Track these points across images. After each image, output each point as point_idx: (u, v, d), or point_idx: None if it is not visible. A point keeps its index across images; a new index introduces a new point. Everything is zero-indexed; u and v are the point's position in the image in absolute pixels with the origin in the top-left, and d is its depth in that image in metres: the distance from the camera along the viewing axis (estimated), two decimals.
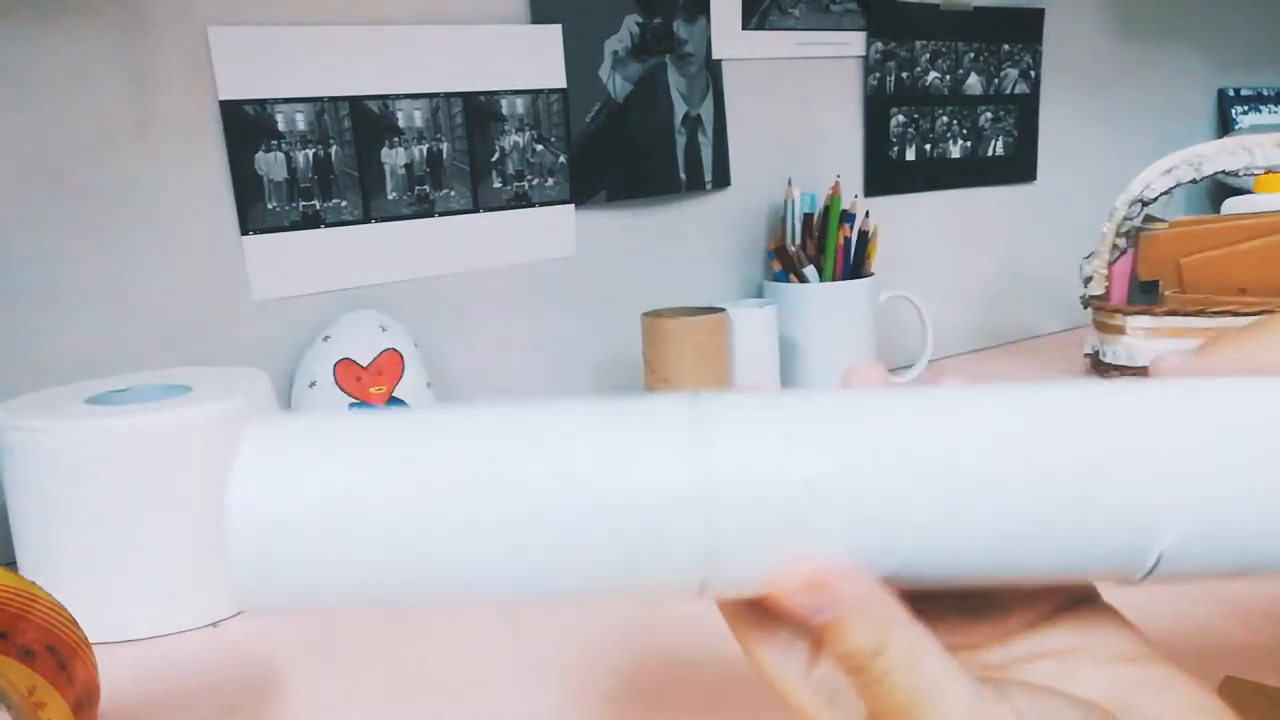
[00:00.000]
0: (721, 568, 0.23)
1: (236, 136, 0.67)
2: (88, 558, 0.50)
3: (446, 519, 0.22)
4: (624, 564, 0.23)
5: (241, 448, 0.23)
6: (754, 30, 0.89)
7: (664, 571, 0.23)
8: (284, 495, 0.22)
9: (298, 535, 0.22)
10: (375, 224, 0.73)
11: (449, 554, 0.23)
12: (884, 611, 0.22)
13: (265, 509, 0.22)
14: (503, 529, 0.22)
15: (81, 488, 0.49)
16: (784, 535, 0.23)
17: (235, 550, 0.22)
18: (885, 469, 0.23)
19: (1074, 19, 1.14)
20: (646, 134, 0.84)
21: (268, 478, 0.23)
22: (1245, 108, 1.37)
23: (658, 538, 0.23)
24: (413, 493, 0.23)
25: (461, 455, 0.23)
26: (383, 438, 0.23)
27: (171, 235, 0.66)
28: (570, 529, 0.23)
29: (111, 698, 0.46)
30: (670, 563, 0.23)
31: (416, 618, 0.52)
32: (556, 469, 0.23)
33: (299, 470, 0.23)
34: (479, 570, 0.23)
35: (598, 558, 0.23)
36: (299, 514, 0.22)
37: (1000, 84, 1.08)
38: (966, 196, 1.08)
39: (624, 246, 0.85)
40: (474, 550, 0.23)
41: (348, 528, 0.22)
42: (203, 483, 0.51)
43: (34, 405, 0.53)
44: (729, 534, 0.23)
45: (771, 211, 0.93)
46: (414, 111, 0.73)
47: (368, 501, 0.22)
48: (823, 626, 0.23)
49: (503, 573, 0.23)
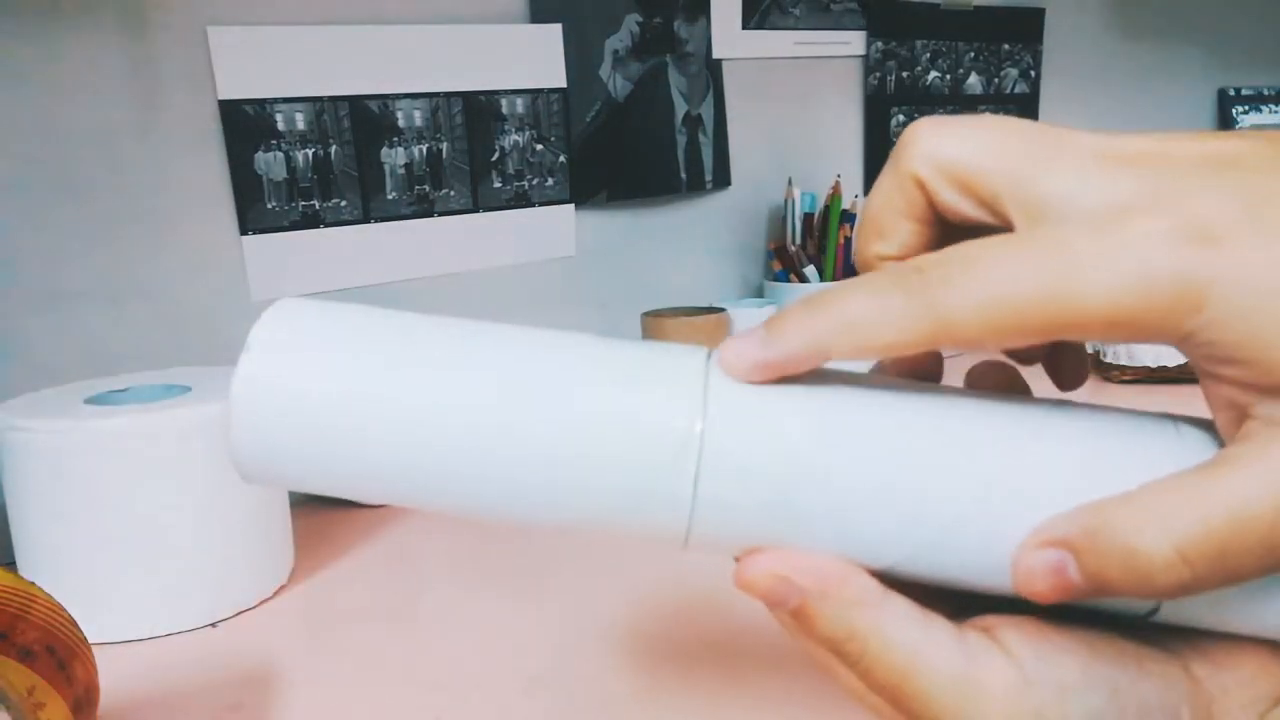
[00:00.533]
0: (704, 527, 0.23)
1: (236, 136, 0.67)
2: (88, 558, 0.50)
3: (444, 426, 0.23)
4: (613, 501, 0.23)
5: (262, 315, 0.24)
6: (754, 30, 0.89)
7: (649, 512, 0.23)
8: (290, 366, 0.23)
9: (298, 407, 0.23)
10: (375, 224, 0.73)
11: (440, 460, 0.23)
12: (848, 594, 0.22)
13: (270, 375, 0.23)
14: (495, 446, 0.23)
15: (81, 488, 0.49)
16: (765, 503, 0.22)
17: (238, 410, 0.23)
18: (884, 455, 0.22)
19: (1074, 19, 1.14)
20: (647, 134, 0.84)
21: (278, 347, 0.23)
22: (1245, 107, 1.37)
23: (648, 480, 0.22)
24: (416, 393, 0.23)
25: (469, 369, 0.23)
26: (398, 336, 0.24)
27: (171, 235, 0.66)
28: (565, 458, 0.23)
29: (111, 698, 0.46)
30: (656, 504, 0.23)
31: (417, 618, 0.52)
32: (559, 400, 0.23)
33: (309, 345, 0.23)
34: (465, 480, 0.23)
35: (589, 489, 0.23)
36: (302, 388, 0.23)
37: (1000, 83, 1.08)
38: None
39: (624, 246, 0.85)
40: (463, 460, 0.23)
41: (347, 409, 0.23)
42: (203, 483, 0.51)
43: (34, 405, 0.53)
44: (714, 495, 0.22)
45: (771, 211, 0.93)
46: (414, 111, 0.73)
47: (371, 393, 0.23)
48: (793, 615, 0.22)
49: (489, 487, 0.23)
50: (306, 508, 0.70)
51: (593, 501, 0.23)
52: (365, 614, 0.53)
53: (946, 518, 0.22)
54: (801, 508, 0.22)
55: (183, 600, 0.51)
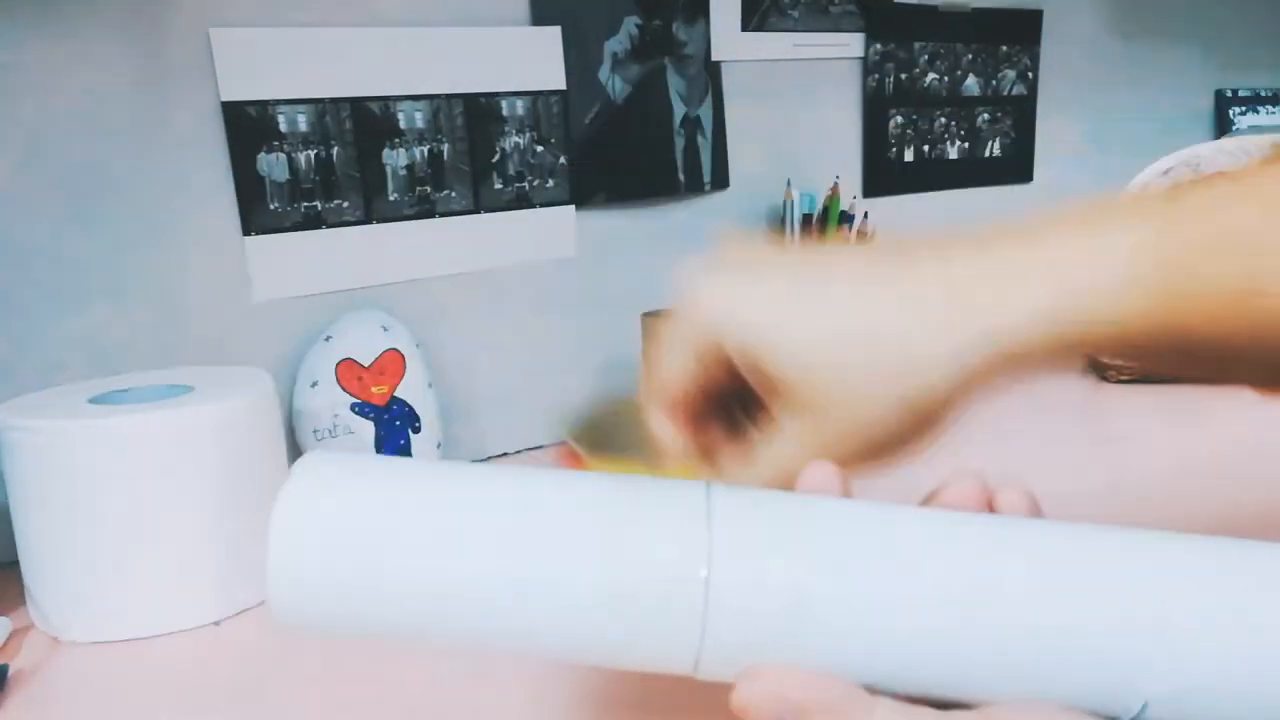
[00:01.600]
0: (713, 654, 0.24)
1: (238, 138, 0.67)
2: (88, 558, 0.50)
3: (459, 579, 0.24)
4: (623, 638, 0.25)
5: (291, 472, 0.26)
6: (753, 32, 0.89)
7: (659, 649, 0.25)
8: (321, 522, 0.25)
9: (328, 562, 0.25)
10: (377, 225, 0.73)
11: (459, 609, 0.25)
12: (849, 708, 0.23)
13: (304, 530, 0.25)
14: (508, 592, 0.24)
15: (82, 488, 0.49)
16: (768, 634, 0.24)
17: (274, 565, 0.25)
18: (874, 585, 0.24)
19: (1072, 20, 1.14)
20: (646, 135, 0.84)
21: (309, 502, 0.25)
22: (1243, 109, 1.37)
23: (656, 618, 0.24)
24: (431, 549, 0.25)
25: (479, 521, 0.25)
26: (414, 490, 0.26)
27: (174, 236, 0.66)
28: (577, 602, 0.24)
29: (112, 698, 0.46)
30: (666, 642, 0.24)
31: None
32: (568, 545, 0.25)
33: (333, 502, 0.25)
34: (481, 624, 0.25)
35: (598, 629, 0.24)
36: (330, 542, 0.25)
37: (998, 85, 1.08)
38: (964, 197, 1.08)
39: (624, 247, 0.85)
40: (480, 607, 0.25)
41: (372, 564, 0.25)
42: (205, 481, 0.52)
43: (35, 405, 0.53)
44: (721, 626, 0.24)
45: (771, 212, 0.93)
46: (415, 113, 0.73)
47: (391, 546, 0.25)
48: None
49: (504, 630, 0.25)
50: None
51: (608, 642, 0.25)
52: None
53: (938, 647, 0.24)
54: (801, 638, 0.24)
55: (186, 599, 0.52)
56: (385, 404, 0.69)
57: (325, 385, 0.67)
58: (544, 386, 0.82)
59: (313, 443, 0.68)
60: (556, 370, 0.83)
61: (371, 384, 0.68)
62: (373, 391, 0.68)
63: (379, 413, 0.68)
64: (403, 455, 0.69)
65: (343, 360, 0.68)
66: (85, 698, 0.46)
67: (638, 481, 0.27)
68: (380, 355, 0.69)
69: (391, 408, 0.69)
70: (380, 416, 0.68)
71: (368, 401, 0.68)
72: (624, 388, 0.85)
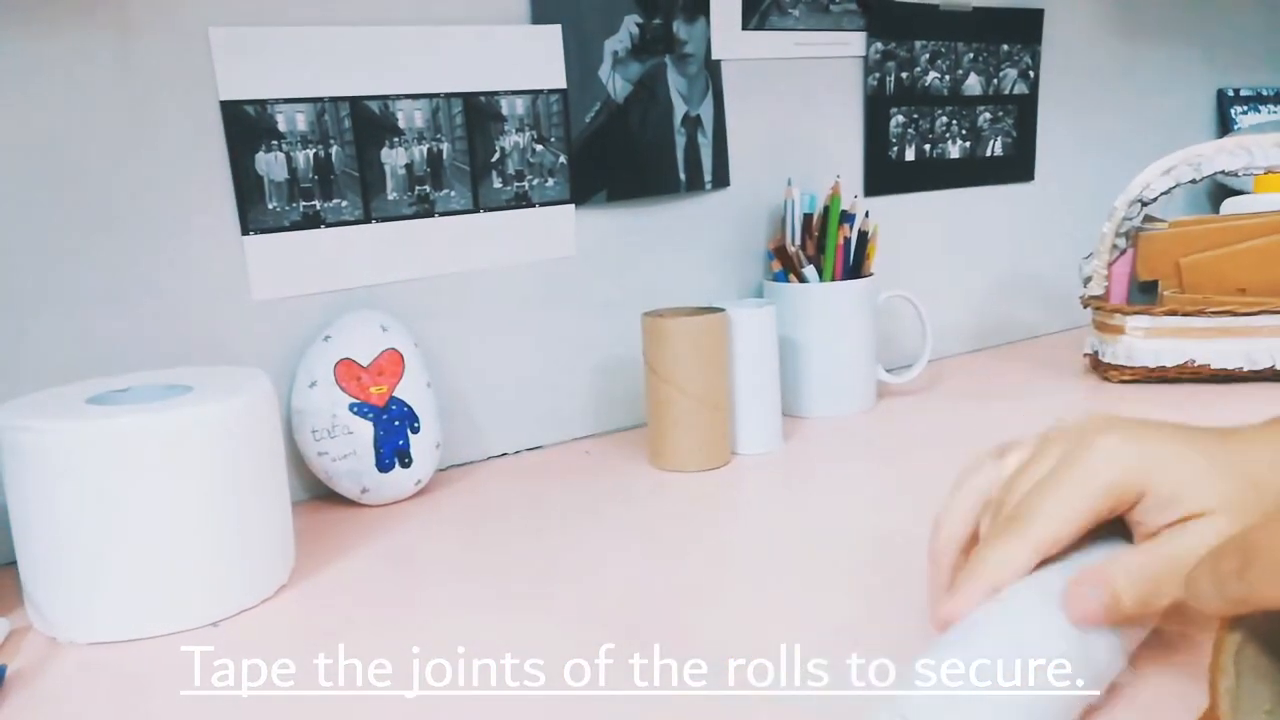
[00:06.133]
0: None
1: (237, 137, 0.67)
2: (88, 558, 0.50)
3: None
4: None
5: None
6: (754, 30, 0.89)
7: None
8: None
9: None
10: (376, 224, 0.73)
11: None
12: None
13: None
14: None
15: (81, 488, 0.49)
16: None
17: None
18: None
19: (1073, 19, 1.14)
20: (646, 134, 0.84)
21: None
22: (1245, 108, 1.37)
23: None
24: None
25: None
26: None
27: (172, 235, 0.66)
28: None
29: (111, 698, 0.46)
30: None
31: (418, 618, 0.52)
32: None
33: None
34: None
35: None
36: None
37: (999, 84, 1.08)
38: (965, 196, 1.08)
39: (624, 246, 0.85)
40: None
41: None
42: (204, 482, 0.52)
43: (34, 405, 0.53)
44: None
45: (771, 211, 0.93)
46: (414, 112, 0.73)
47: None
48: None
49: None
50: (307, 507, 0.70)
51: None
52: (365, 614, 0.53)
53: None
54: None
55: (184, 599, 0.52)
56: (384, 404, 0.68)
57: (324, 385, 0.67)
58: (544, 386, 0.82)
59: (311, 442, 0.68)
60: (556, 370, 0.83)
61: (370, 384, 0.68)
62: (371, 391, 0.68)
63: (378, 412, 0.68)
64: (402, 455, 0.69)
65: (341, 360, 0.68)
66: (84, 698, 0.46)
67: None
68: (379, 355, 0.69)
69: (390, 407, 0.69)
70: (379, 416, 0.68)
71: (366, 401, 0.68)
72: (625, 386, 0.84)
